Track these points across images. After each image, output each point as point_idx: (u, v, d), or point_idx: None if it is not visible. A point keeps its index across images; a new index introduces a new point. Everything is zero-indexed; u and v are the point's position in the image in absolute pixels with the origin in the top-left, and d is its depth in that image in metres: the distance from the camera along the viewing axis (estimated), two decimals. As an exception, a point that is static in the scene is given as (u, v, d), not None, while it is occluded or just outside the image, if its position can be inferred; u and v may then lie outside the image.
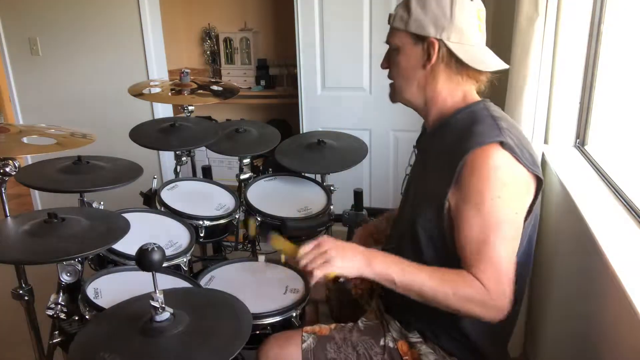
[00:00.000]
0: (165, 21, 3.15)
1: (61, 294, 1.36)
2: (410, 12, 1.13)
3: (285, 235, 1.52)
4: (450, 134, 1.16)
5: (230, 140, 2.05)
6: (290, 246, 1.23)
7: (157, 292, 0.98)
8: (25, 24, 3.16)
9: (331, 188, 1.94)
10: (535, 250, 1.22)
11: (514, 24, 1.71)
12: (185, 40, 4.00)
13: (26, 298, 1.49)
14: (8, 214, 1.43)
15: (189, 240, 1.60)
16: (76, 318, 1.35)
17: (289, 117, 3.82)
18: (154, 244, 0.98)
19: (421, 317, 1.21)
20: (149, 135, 1.92)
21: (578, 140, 1.78)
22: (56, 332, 1.38)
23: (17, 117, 3.39)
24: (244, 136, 2.08)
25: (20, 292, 1.48)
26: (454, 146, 1.10)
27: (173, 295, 1.08)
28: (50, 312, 1.35)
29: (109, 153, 1.78)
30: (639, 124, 1.59)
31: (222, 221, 1.77)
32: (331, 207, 1.87)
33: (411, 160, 1.38)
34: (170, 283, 1.40)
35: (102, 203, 1.62)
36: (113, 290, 1.34)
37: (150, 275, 0.98)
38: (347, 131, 2.16)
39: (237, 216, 1.83)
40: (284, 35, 3.68)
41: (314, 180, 2.01)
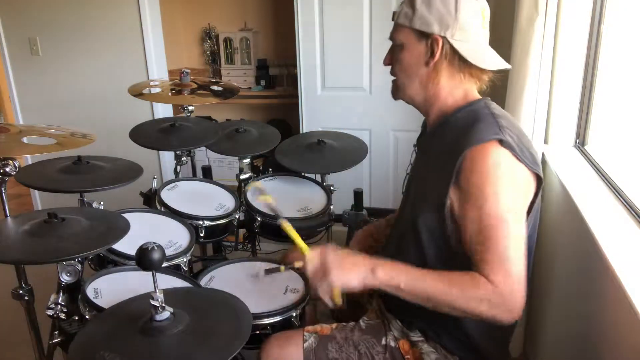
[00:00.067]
0: (165, 21, 3.15)
1: (61, 294, 1.36)
2: (415, 9, 1.13)
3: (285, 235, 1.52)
4: (450, 132, 1.15)
5: (230, 140, 2.05)
6: (299, 240, 1.23)
7: (157, 292, 0.99)
8: (25, 24, 3.16)
9: (331, 188, 1.94)
10: (535, 250, 1.22)
11: (514, 24, 1.71)
12: (185, 40, 4.00)
13: (26, 298, 1.49)
14: (8, 214, 1.43)
15: (189, 240, 1.60)
16: (76, 318, 1.35)
17: (289, 117, 3.82)
18: (154, 243, 0.98)
19: (422, 316, 1.21)
20: (149, 135, 1.92)
21: (578, 140, 1.78)
22: (56, 332, 1.38)
23: (17, 117, 3.38)
24: (244, 136, 2.08)
25: (20, 292, 1.48)
26: (454, 144, 1.10)
27: (173, 295, 1.08)
28: (50, 312, 1.35)
29: (109, 153, 1.78)
30: (639, 124, 1.60)
31: (222, 221, 1.76)
32: (331, 207, 1.87)
33: (412, 160, 1.38)
34: (170, 283, 1.40)
35: (102, 203, 1.62)
36: (113, 290, 1.34)
37: (150, 275, 0.98)
38: (347, 131, 2.16)
39: (237, 216, 1.83)
40: (284, 35, 3.67)
41: (314, 180, 2.01)
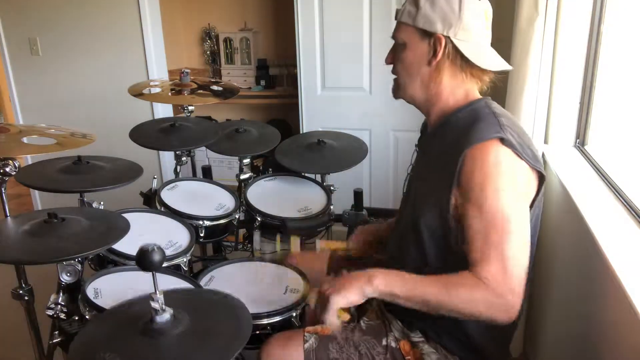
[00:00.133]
0: (165, 21, 3.15)
1: (61, 294, 1.36)
2: (419, 7, 1.13)
3: (286, 234, 1.53)
4: (451, 132, 1.15)
5: (230, 140, 2.05)
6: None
7: (157, 293, 0.98)
8: (25, 24, 3.16)
9: (331, 188, 1.94)
10: (536, 250, 1.22)
11: (514, 24, 1.71)
12: (185, 40, 3.99)
13: (26, 298, 1.49)
14: (8, 214, 1.43)
15: (189, 240, 1.60)
16: (76, 318, 1.35)
17: (289, 117, 3.82)
18: (154, 244, 0.98)
19: (423, 317, 1.20)
20: (149, 135, 1.92)
21: (578, 140, 1.78)
22: (56, 332, 1.37)
23: (17, 117, 3.39)
24: (244, 136, 2.08)
25: (20, 292, 1.48)
26: (455, 144, 1.10)
27: (173, 296, 1.08)
28: (50, 312, 1.35)
29: (109, 153, 1.78)
30: (639, 124, 1.60)
31: (222, 221, 1.77)
32: (331, 207, 1.87)
33: (413, 160, 1.38)
34: (170, 283, 1.40)
35: (102, 203, 1.62)
36: (113, 290, 1.35)
37: (150, 275, 0.98)
38: (347, 131, 2.15)
39: (237, 216, 1.83)
40: (284, 35, 3.68)
41: (314, 180, 2.01)
